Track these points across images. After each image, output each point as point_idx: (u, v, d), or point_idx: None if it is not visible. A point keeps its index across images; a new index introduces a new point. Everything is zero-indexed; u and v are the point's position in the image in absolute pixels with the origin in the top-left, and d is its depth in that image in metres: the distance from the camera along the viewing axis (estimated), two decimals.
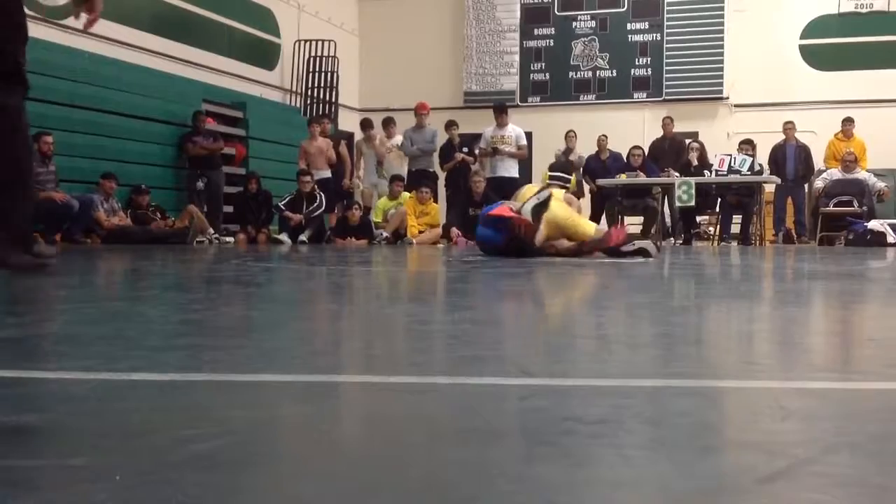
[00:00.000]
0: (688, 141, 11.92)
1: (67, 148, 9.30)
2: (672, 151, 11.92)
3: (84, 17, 3.46)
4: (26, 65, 3.38)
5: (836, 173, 11.53)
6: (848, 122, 12.28)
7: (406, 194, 11.48)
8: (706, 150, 11.60)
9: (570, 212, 6.07)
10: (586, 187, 12.00)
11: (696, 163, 11.27)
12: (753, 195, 10.88)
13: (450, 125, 11.80)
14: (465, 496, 0.65)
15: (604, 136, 12.27)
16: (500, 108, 11.24)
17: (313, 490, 0.67)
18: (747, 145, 11.31)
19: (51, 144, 8.82)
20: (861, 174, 11.43)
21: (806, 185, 12.10)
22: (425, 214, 11.22)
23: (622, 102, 15.01)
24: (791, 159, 11.75)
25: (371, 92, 15.94)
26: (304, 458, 0.78)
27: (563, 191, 6.44)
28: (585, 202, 11.77)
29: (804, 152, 11.90)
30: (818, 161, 12.73)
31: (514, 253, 5.52)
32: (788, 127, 11.99)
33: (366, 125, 12.34)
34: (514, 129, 11.20)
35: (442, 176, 11.95)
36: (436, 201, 11.62)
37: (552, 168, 8.43)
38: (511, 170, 11.03)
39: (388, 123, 12.22)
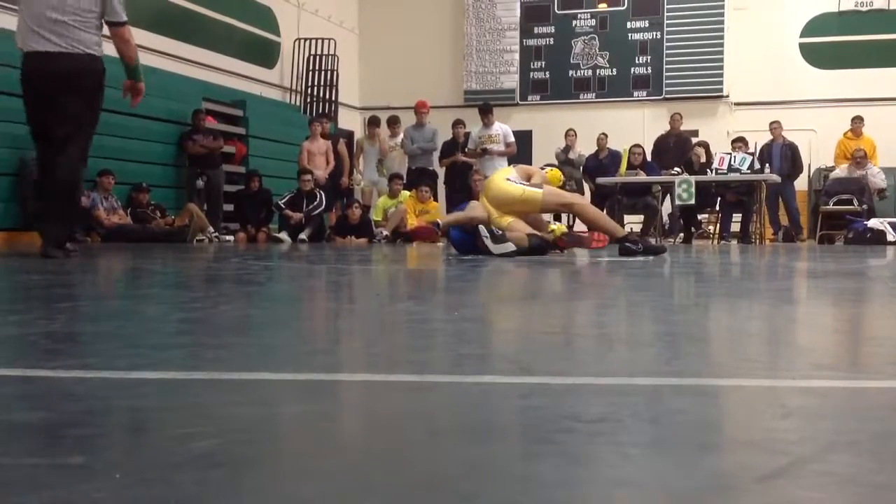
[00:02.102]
0: (694, 140, 11.89)
1: None
2: (677, 149, 11.90)
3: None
4: None
5: (845, 170, 11.53)
6: (857, 120, 12.26)
7: (406, 193, 11.49)
8: (710, 150, 11.58)
9: (509, 184, 5.87)
10: (585, 186, 12.00)
11: (703, 159, 11.26)
12: (753, 193, 10.87)
13: (456, 124, 11.88)
14: (465, 494, 0.65)
15: (604, 134, 12.24)
16: (486, 108, 11.28)
17: (313, 488, 0.67)
18: (740, 143, 11.30)
19: None
20: (870, 170, 11.41)
21: (795, 184, 12.08)
22: (425, 213, 11.21)
23: (622, 101, 14.99)
24: (776, 158, 11.74)
25: (371, 90, 15.93)
26: (305, 456, 0.78)
27: (513, 168, 6.36)
28: (585, 202, 11.75)
29: (790, 150, 11.90)
30: (820, 159, 12.73)
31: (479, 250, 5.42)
32: (775, 126, 12.00)
33: (373, 122, 12.35)
34: (501, 127, 11.22)
35: (442, 174, 11.97)
36: (436, 200, 11.63)
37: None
38: (501, 168, 11.03)
39: (393, 122, 12.24)
